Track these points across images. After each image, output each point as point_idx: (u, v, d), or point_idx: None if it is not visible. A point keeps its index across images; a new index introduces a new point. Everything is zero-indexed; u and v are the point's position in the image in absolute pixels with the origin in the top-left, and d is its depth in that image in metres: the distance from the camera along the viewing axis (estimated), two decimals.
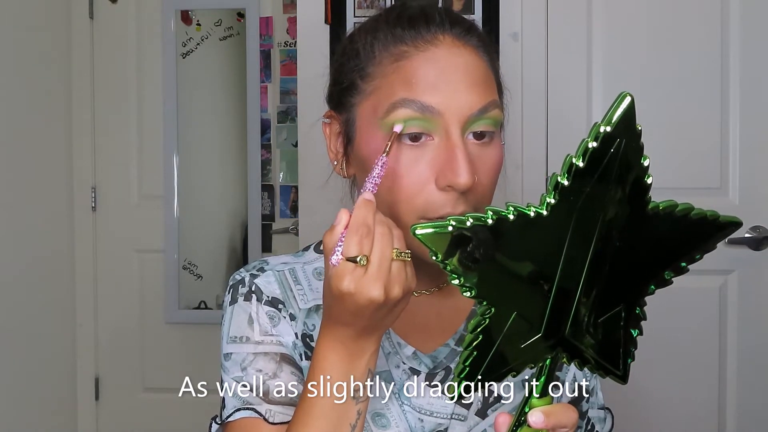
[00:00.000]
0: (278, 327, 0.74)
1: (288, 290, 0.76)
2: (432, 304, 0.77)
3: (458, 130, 0.66)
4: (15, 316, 2.18)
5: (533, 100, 1.71)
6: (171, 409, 2.40)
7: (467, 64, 0.67)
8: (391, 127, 0.66)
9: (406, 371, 0.74)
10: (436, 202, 0.66)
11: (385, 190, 0.67)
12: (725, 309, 1.69)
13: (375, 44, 0.70)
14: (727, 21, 1.67)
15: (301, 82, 1.78)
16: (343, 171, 0.75)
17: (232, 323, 0.75)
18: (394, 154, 0.66)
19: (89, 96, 2.56)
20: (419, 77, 0.66)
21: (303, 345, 0.74)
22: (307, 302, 0.76)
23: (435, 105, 0.65)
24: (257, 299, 0.75)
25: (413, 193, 0.66)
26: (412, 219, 0.66)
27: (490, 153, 0.69)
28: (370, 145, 0.69)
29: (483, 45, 0.70)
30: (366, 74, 0.70)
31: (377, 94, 0.68)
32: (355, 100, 0.71)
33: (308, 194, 1.76)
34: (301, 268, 0.78)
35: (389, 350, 0.75)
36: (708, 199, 1.69)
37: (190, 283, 2.60)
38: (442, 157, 0.65)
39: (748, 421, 1.70)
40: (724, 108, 1.68)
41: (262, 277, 0.77)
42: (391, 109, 0.66)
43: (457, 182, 0.64)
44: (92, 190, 2.58)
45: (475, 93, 0.66)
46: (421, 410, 0.74)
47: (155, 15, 2.54)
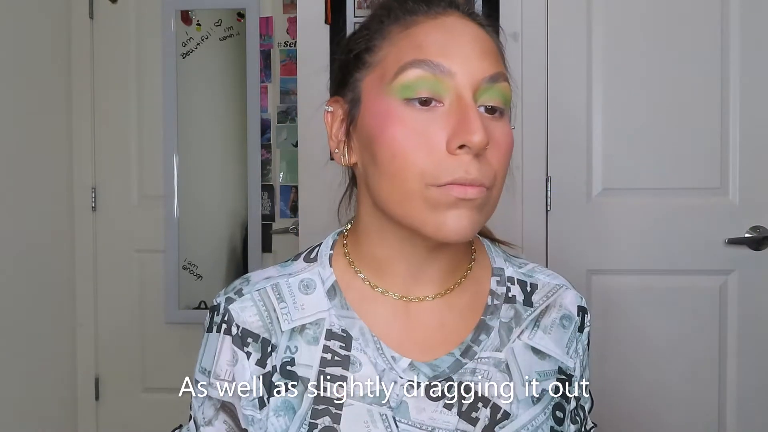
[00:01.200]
0: (235, 368, 0.70)
1: (271, 311, 0.72)
2: (434, 312, 0.73)
3: (470, 93, 0.64)
4: (15, 316, 2.18)
5: (533, 100, 1.71)
6: (171, 409, 2.39)
7: (476, 34, 0.67)
8: (399, 90, 0.64)
9: (404, 386, 0.69)
10: (449, 166, 0.62)
11: (387, 159, 0.64)
12: (725, 309, 1.69)
13: (384, 18, 0.69)
14: (727, 21, 1.67)
15: (301, 82, 1.78)
16: (345, 158, 0.71)
17: (204, 352, 0.73)
18: (400, 118, 0.64)
19: (89, 96, 2.56)
20: (430, 41, 0.65)
21: (265, 385, 0.70)
22: (291, 321, 0.71)
23: (447, 66, 0.64)
24: (226, 332, 0.71)
25: (421, 156, 0.63)
26: (418, 186, 0.63)
27: (503, 128, 0.67)
28: (375, 115, 0.66)
29: (491, 26, 0.70)
30: (373, 46, 0.68)
31: (384, 62, 0.67)
32: (360, 74, 0.69)
33: (308, 194, 1.76)
34: (286, 282, 0.74)
35: (383, 367, 0.70)
36: (708, 199, 1.69)
37: (190, 283, 2.59)
38: (453, 119, 0.63)
39: (748, 421, 1.70)
40: (724, 108, 1.68)
41: (238, 302, 0.72)
42: (401, 71, 0.64)
43: (470, 140, 0.61)
44: (92, 190, 2.58)
45: (485, 60, 0.65)
46: (422, 427, 0.69)
47: (155, 15, 2.54)
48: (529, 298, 0.77)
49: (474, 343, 0.72)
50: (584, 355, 0.79)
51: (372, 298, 0.73)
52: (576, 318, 0.78)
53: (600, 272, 1.72)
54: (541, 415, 0.73)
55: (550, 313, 0.77)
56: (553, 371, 0.75)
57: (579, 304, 0.80)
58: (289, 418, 0.70)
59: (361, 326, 0.71)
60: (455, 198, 0.63)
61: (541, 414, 0.73)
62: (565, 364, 0.76)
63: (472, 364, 0.72)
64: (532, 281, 0.79)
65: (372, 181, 0.68)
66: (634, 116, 1.70)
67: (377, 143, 0.65)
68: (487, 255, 0.79)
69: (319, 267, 0.75)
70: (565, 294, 0.79)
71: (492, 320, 0.74)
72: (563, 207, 1.73)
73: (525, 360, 0.74)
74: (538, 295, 0.78)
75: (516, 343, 0.74)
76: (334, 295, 0.73)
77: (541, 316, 0.77)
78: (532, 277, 0.79)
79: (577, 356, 0.78)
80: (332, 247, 0.76)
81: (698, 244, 1.68)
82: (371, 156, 0.67)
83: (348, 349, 0.70)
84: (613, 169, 1.71)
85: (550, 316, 0.77)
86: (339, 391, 0.69)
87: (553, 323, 0.77)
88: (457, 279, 0.74)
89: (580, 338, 0.79)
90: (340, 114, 0.72)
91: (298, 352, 0.71)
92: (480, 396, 0.71)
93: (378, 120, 0.65)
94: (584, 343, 0.79)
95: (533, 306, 0.77)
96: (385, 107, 0.65)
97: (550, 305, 0.78)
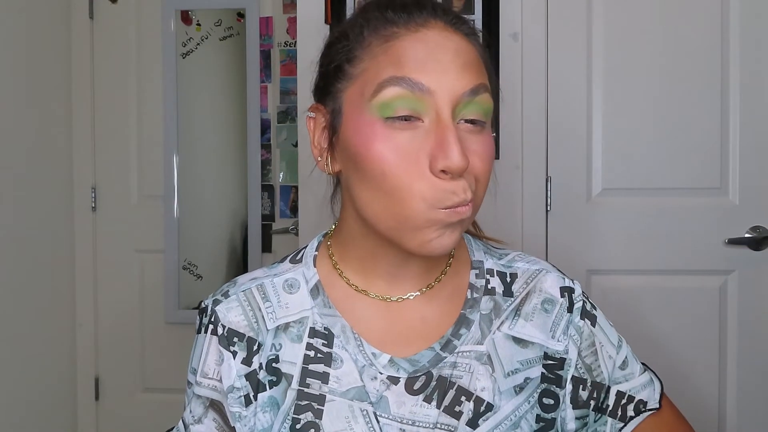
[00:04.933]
0: (221, 367, 0.72)
1: (257, 310, 0.74)
2: (415, 308, 0.74)
3: (449, 110, 0.64)
4: (15, 316, 2.18)
5: (533, 100, 1.71)
6: (171, 409, 2.40)
7: (457, 47, 0.66)
8: (379, 108, 0.64)
9: (384, 381, 0.71)
10: (444, 190, 0.63)
11: (377, 176, 0.64)
12: (725, 309, 1.69)
13: (364, 27, 0.68)
14: (727, 21, 1.67)
15: (301, 82, 1.78)
16: (328, 167, 0.72)
17: (194, 353, 0.75)
18: (384, 137, 0.64)
19: (89, 96, 2.56)
20: (409, 56, 0.64)
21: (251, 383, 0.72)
22: (275, 320, 0.73)
23: (425, 83, 0.63)
24: (213, 332, 0.73)
25: (411, 179, 0.63)
26: (420, 206, 0.64)
27: (483, 138, 0.67)
28: (357, 131, 0.66)
29: (473, 35, 0.69)
30: (353, 57, 0.68)
31: (365, 76, 0.66)
32: (341, 85, 0.68)
33: (308, 194, 1.76)
34: (270, 282, 0.75)
35: (363, 363, 0.71)
36: (708, 199, 1.69)
37: (190, 283, 2.59)
38: (432, 139, 0.63)
39: (748, 421, 1.70)
40: (724, 108, 1.68)
41: (224, 303, 0.74)
42: (379, 88, 0.64)
43: (449, 165, 0.62)
44: (92, 190, 2.58)
45: (465, 73, 0.65)
46: (403, 420, 0.70)
47: (155, 15, 2.54)
48: (509, 288, 0.78)
49: (454, 337, 0.73)
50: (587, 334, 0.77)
51: (354, 297, 0.74)
52: (560, 300, 0.77)
53: (600, 272, 1.72)
54: (525, 404, 0.74)
55: (530, 300, 0.77)
56: (537, 358, 0.75)
57: (562, 285, 0.79)
58: (273, 413, 0.72)
59: (342, 324, 0.73)
60: (447, 223, 0.64)
61: (524, 403, 0.74)
62: (552, 348, 0.76)
63: (452, 358, 0.72)
64: (511, 271, 0.79)
65: (356, 192, 0.68)
66: (634, 116, 1.70)
67: (364, 160, 0.65)
68: (467, 248, 0.80)
69: (303, 267, 0.77)
70: (545, 278, 0.79)
71: (472, 313, 0.75)
72: (563, 207, 1.73)
73: (506, 351, 0.74)
74: (517, 283, 0.78)
75: (496, 335, 0.75)
76: (317, 294, 0.74)
77: (521, 305, 0.77)
78: (512, 266, 0.80)
79: (567, 338, 0.76)
80: (317, 248, 0.78)
81: (698, 244, 1.68)
82: (356, 170, 0.67)
83: (330, 347, 0.72)
84: (613, 169, 1.71)
85: (531, 302, 0.77)
86: (321, 388, 0.71)
87: (534, 309, 0.77)
88: (437, 275, 0.75)
89: (571, 319, 0.77)
90: (322, 122, 0.72)
91: (282, 350, 0.72)
92: (462, 390, 0.72)
93: (361, 137, 0.65)
94: (578, 324, 0.77)
95: (513, 296, 0.77)
96: (368, 124, 0.65)
97: (531, 291, 0.78)
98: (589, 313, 0.79)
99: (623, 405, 0.77)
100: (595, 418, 0.78)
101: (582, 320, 0.78)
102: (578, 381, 0.77)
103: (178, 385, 1.79)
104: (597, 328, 0.78)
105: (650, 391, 0.79)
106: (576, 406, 0.77)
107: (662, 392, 0.80)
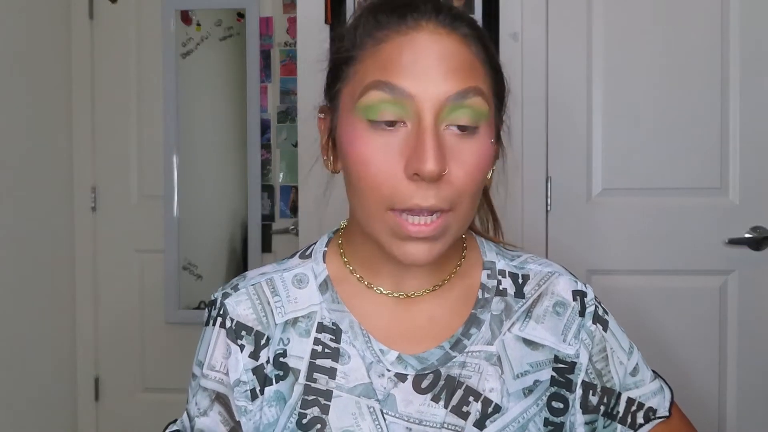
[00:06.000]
0: (228, 360, 0.72)
1: (265, 304, 0.74)
2: (424, 307, 0.74)
3: (431, 116, 0.63)
4: (15, 316, 2.18)
5: (533, 100, 1.71)
6: (171, 409, 2.39)
7: (446, 51, 0.65)
8: (363, 110, 0.65)
9: (392, 379, 0.70)
10: (405, 191, 0.63)
11: (355, 177, 0.66)
12: (725, 309, 1.69)
13: (358, 28, 0.69)
14: (727, 21, 1.67)
15: (301, 82, 1.78)
16: (330, 165, 0.73)
17: (201, 345, 0.75)
18: (365, 139, 0.65)
19: (89, 96, 2.56)
20: (393, 60, 0.64)
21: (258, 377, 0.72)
22: (284, 314, 0.73)
23: (407, 88, 0.63)
24: (221, 325, 0.73)
25: (381, 180, 0.64)
26: (380, 209, 0.65)
27: (473, 146, 0.65)
28: (345, 131, 0.67)
29: (473, 34, 0.68)
30: (349, 58, 0.68)
31: (356, 77, 0.67)
32: (341, 85, 0.70)
33: (308, 194, 1.76)
34: (280, 276, 0.76)
35: (371, 360, 0.71)
36: (708, 199, 1.69)
37: (190, 283, 2.59)
38: (411, 143, 0.63)
39: (748, 421, 1.70)
40: (724, 108, 1.68)
41: (234, 296, 0.74)
42: (364, 91, 0.65)
43: (422, 169, 0.61)
44: (92, 190, 2.58)
45: (450, 79, 0.64)
46: (410, 419, 0.70)
47: (155, 15, 2.54)
48: (521, 289, 0.77)
49: (464, 336, 0.73)
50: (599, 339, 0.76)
51: (363, 294, 0.74)
52: (572, 303, 0.77)
53: (600, 272, 1.72)
54: (534, 406, 0.73)
55: (542, 302, 0.77)
56: (547, 360, 0.75)
57: (574, 288, 0.78)
58: (279, 408, 0.71)
59: (351, 320, 0.73)
60: (407, 235, 0.64)
61: (533, 406, 0.73)
62: (563, 352, 0.75)
63: (462, 357, 0.72)
64: (523, 272, 0.79)
65: (347, 191, 0.70)
66: (634, 116, 1.70)
67: (348, 159, 0.67)
68: (479, 249, 0.80)
69: (312, 263, 0.77)
70: (558, 280, 0.78)
71: (483, 314, 0.75)
72: (563, 207, 1.73)
73: (516, 352, 0.74)
74: (529, 285, 0.78)
75: (507, 336, 0.74)
76: (326, 289, 0.75)
77: (533, 306, 0.76)
78: (524, 268, 0.79)
79: (579, 342, 0.76)
80: (327, 244, 0.78)
81: (698, 244, 1.68)
82: (344, 170, 0.70)
83: (338, 342, 0.72)
84: (613, 169, 1.71)
85: (543, 304, 0.76)
86: (328, 383, 0.71)
87: (545, 312, 0.76)
88: (447, 274, 0.75)
89: (583, 323, 0.76)
90: (327, 121, 0.74)
91: (290, 344, 0.72)
92: (471, 390, 0.71)
93: (348, 137, 0.67)
94: (589, 328, 0.76)
95: (525, 297, 0.77)
96: (353, 125, 0.66)
97: (543, 294, 0.77)
98: (601, 318, 0.78)
99: (633, 412, 0.77)
100: (605, 424, 0.77)
101: (594, 325, 0.77)
102: (588, 386, 0.76)
103: (178, 385, 1.80)
104: (609, 333, 0.78)
105: (660, 398, 0.79)
106: (585, 411, 0.76)
107: (672, 400, 0.80)
